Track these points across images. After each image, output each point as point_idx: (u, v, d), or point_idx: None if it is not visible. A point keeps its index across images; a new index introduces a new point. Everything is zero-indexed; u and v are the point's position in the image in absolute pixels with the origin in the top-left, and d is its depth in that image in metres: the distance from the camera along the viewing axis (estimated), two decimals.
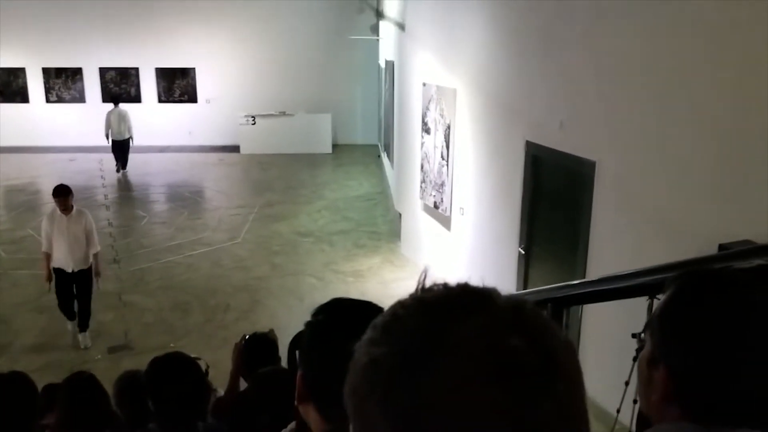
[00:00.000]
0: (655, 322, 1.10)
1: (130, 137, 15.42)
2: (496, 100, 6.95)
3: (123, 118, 15.25)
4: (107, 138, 15.29)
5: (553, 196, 6.13)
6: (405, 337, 0.60)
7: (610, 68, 4.90)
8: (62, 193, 7.21)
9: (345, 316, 1.40)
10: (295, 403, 1.28)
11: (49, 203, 13.21)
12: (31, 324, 7.97)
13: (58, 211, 7.21)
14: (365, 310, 1.38)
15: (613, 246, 4.89)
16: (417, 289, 0.66)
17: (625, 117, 4.76)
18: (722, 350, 1.01)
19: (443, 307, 0.61)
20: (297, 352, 1.48)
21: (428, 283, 0.66)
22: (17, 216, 12.16)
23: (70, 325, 7.53)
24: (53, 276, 7.29)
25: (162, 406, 2.56)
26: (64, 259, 7.25)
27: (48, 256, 7.29)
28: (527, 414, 0.56)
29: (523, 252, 6.42)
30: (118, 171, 15.44)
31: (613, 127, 4.92)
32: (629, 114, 4.72)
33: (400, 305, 0.64)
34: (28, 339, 7.58)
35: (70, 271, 7.27)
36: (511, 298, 0.63)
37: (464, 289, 0.64)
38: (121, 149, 15.38)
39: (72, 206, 7.25)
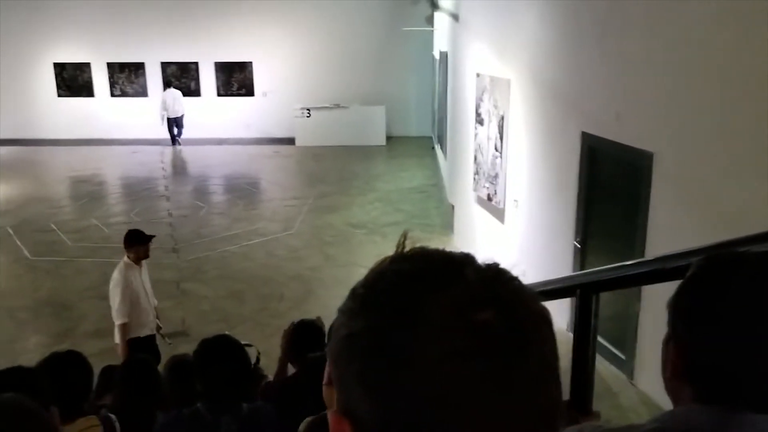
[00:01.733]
0: (670, 301, 1.10)
1: (182, 115, 17.44)
2: (551, 90, 6.82)
3: (176, 98, 17.23)
4: (162, 119, 17.17)
5: (609, 188, 5.99)
6: (381, 314, 0.61)
7: (668, 57, 4.75)
8: (147, 238, 5.85)
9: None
10: (324, 382, 1.27)
11: (113, 194, 13.71)
12: (93, 310, 8.25)
13: (134, 266, 5.80)
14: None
15: (672, 240, 4.75)
16: (396, 254, 0.67)
17: (685, 107, 4.61)
18: (730, 330, 1.00)
19: (417, 280, 0.62)
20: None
21: (408, 247, 0.68)
22: (82, 206, 12.60)
23: None
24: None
25: (208, 385, 2.64)
26: (149, 322, 5.98)
27: (126, 328, 5.68)
28: (499, 387, 0.57)
29: (579, 245, 6.30)
30: (173, 144, 17.39)
31: (671, 117, 4.77)
32: (688, 103, 4.57)
33: (379, 277, 0.65)
34: (90, 325, 7.86)
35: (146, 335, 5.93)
36: (484, 269, 0.64)
37: (439, 258, 0.65)
38: (176, 124, 17.44)
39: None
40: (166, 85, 17.68)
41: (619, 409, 5.25)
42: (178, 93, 17.47)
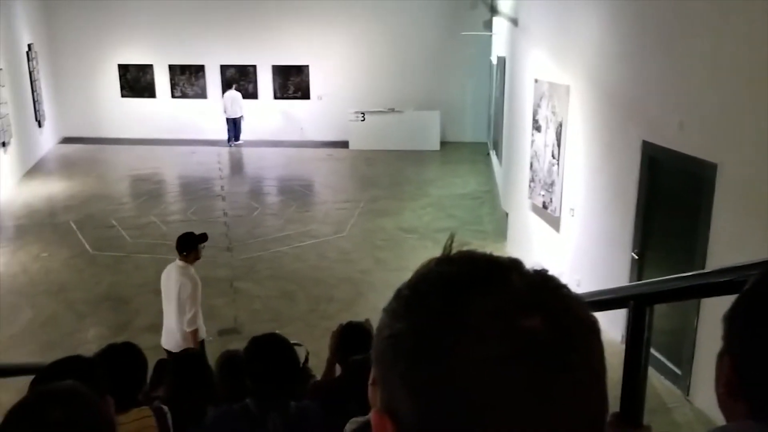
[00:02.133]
0: (726, 314, 1.07)
1: (241, 116, 17.73)
2: (611, 97, 6.68)
3: (235, 99, 17.48)
4: (226, 120, 17.66)
5: (670, 199, 5.83)
6: (425, 316, 0.61)
7: (735, 63, 4.59)
8: (185, 245, 5.78)
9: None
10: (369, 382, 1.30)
11: (171, 193, 14.04)
12: (149, 305, 8.45)
13: (166, 270, 5.91)
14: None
15: (734, 253, 4.58)
16: (441, 257, 0.67)
17: (750, 116, 4.45)
18: None
19: (463, 284, 0.62)
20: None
21: (454, 250, 0.68)
22: (141, 204, 12.95)
23: None
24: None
25: (257, 382, 2.67)
26: (164, 334, 6.03)
27: (197, 332, 5.80)
28: (541, 394, 0.57)
29: (637, 257, 6.15)
30: (229, 142, 17.61)
31: (736, 127, 4.61)
32: (754, 113, 4.40)
33: (423, 279, 0.66)
34: (146, 319, 8.05)
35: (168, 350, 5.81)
36: (531, 275, 0.64)
37: (485, 262, 0.65)
38: (233, 124, 17.70)
39: None
40: (228, 86, 17.97)
41: (674, 425, 5.10)
42: (238, 95, 17.68)
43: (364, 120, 17.36)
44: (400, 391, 0.61)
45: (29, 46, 15.99)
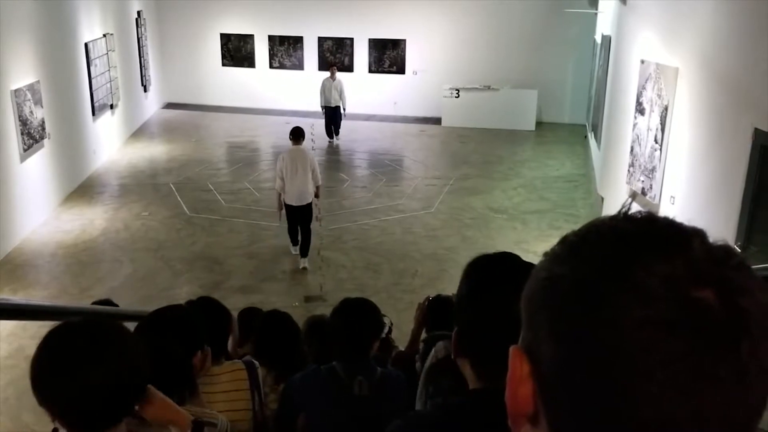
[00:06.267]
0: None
1: (339, 106, 15.50)
2: (723, 82, 6.30)
3: (335, 86, 15.40)
4: (322, 109, 15.58)
5: None
6: (587, 265, 0.58)
7: None
8: (300, 135, 8.69)
9: (496, 275, 1.38)
10: (452, 356, 1.41)
11: (265, 161, 14.39)
12: (241, 267, 8.75)
13: (291, 153, 8.57)
14: (514, 269, 1.36)
15: None
16: (619, 214, 0.63)
17: None
18: None
19: (638, 243, 0.58)
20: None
21: (633, 211, 0.63)
22: (237, 170, 13.35)
23: (293, 249, 8.99)
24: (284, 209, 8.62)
25: (344, 342, 2.71)
26: (297, 194, 8.49)
27: (280, 195, 8.55)
28: (696, 372, 0.53)
29: (739, 250, 5.82)
30: (330, 138, 15.68)
31: None
32: None
33: (595, 229, 0.62)
34: (237, 280, 8.34)
35: (297, 205, 8.53)
36: (714, 247, 0.58)
37: (666, 225, 0.60)
38: (332, 117, 15.60)
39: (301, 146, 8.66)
40: (326, 66, 16.18)
41: None
42: (338, 80, 15.51)
43: (458, 97, 17.16)
44: (545, 333, 0.60)
45: (138, 13, 16.66)
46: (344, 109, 15.65)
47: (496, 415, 1.16)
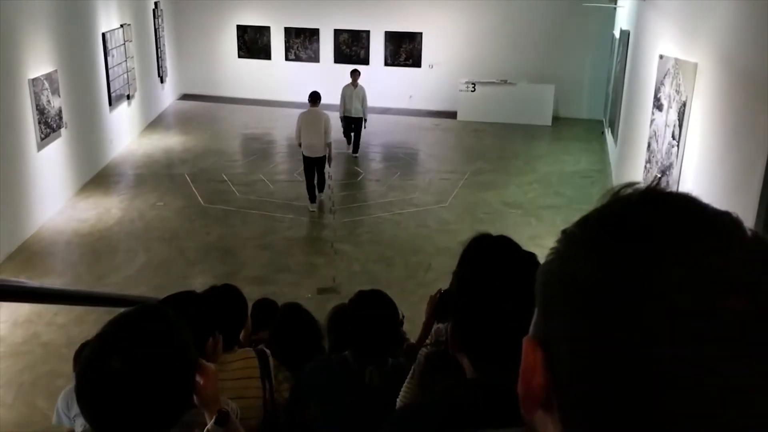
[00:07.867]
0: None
1: (361, 117, 13.75)
2: (743, 79, 6.20)
3: (357, 94, 13.71)
4: (342, 120, 13.71)
5: None
6: (609, 263, 0.55)
7: None
8: (317, 98, 10.62)
9: (490, 270, 1.36)
10: (450, 351, 1.44)
11: (280, 153, 14.42)
12: (255, 258, 8.78)
13: (307, 113, 10.49)
14: (514, 263, 1.35)
15: None
16: (649, 191, 0.59)
17: None
18: None
19: (663, 241, 0.54)
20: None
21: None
22: (251, 162, 13.37)
23: (310, 206, 10.41)
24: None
25: (358, 334, 2.71)
26: (309, 147, 10.27)
27: (299, 146, 10.54)
28: (719, 387, 0.50)
29: None
30: (349, 144, 14.04)
31: None
32: None
33: (619, 217, 0.58)
34: (251, 271, 8.36)
35: (313, 156, 10.30)
36: (751, 246, 0.55)
37: (699, 220, 0.57)
38: (352, 128, 13.86)
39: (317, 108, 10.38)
40: (352, 74, 13.95)
41: None
42: (360, 87, 13.73)
43: (474, 91, 17.08)
44: (561, 330, 0.58)
45: (156, 4, 16.71)
46: (366, 120, 13.85)
47: (493, 406, 1.15)
